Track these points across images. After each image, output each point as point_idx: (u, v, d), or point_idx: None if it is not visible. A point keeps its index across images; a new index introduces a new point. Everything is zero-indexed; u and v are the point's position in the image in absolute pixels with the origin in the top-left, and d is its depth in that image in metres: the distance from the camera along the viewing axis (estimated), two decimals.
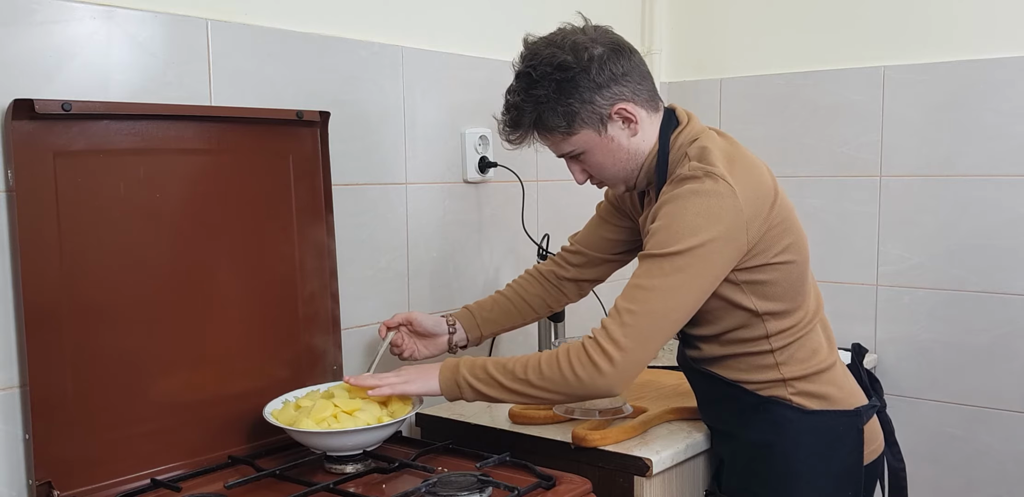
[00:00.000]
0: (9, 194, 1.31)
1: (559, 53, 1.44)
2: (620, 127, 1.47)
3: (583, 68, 1.42)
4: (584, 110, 1.44)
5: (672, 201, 1.38)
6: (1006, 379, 2.18)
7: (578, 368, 1.35)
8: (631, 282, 1.38)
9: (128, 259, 1.42)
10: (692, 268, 1.35)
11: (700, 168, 1.39)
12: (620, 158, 1.49)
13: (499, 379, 1.40)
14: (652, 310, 1.35)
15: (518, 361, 1.41)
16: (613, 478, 1.57)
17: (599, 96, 1.43)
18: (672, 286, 1.35)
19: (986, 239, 2.18)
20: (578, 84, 1.42)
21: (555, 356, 1.38)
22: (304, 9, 1.70)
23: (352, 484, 1.43)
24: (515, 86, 1.48)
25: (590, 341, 1.36)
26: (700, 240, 1.35)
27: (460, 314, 1.77)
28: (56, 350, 1.34)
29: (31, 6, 1.33)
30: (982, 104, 2.16)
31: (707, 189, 1.37)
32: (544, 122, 1.46)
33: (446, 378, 1.45)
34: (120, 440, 1.41)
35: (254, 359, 1.59)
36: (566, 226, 2.30)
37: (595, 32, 1.48)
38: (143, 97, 1.45)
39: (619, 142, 1.48)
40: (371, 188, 1.83)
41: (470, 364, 1.44)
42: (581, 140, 1.47)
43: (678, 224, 1.36)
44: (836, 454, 1.51)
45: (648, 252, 1.38)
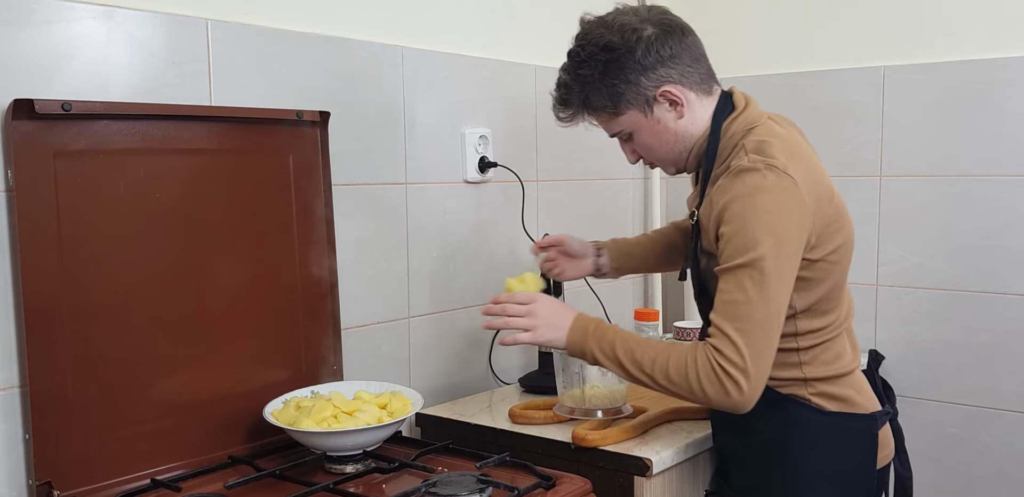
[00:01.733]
0: (9, 194, 1.31)
1: (606, 34, 1.44)
2: (667, 109, 1.46)
3: (628, 49, 1.42)
4: (629, 91, 1.44)
5: (737, 201, 1.36)
6: (1006, 379, 2.18)
7: (707, 386, 1.34)
8: (723, 298, 1.35)
9: (128, 259, 1.42)
10: (778, 269, 1.34)
11: (760, 160, 1.37)
12: (667, 140, 1.49)
13: (624, 364, 1.40)
14: (758, 322, 1.33)
15: (646, 352, 1.39)
16: (613, 478, 1.57)
17: (644, 78, 1.43)
18: (766, 293, 1.33)
19: (986, 239, 2.18)
20: (623, 65, 1.43)
21: (684, 365, 1.35)
22: (304, 9, 1.70)
23: (352, 484, 1.43)
24: (566, 64, 1.50)
25: (715, 362, 1.33)
26: (777, 240, 1.33)
27: (607, 242, 1.82)
28: (56, 350, 1.34)
29: (31, 6, 1.33)
30: (982, 104, 2.15)
31: (770, 184, 1.35)
32: (591, 102, 1.47)
33: (574, 341, 1.44)
34: (120, 440, 1.41)
35: (254, 359, 1.59)
36: (566, 226, 2.30)
37: (648, 13, 1.46)
38: (143, 97, 1.45)
39: (665, 124, 1.47)
40: (371, 188, 1.83)
41: (599, 336, 1.43)
42: (628, 121, 1.48)
43: (752, 227, 1.33)
44: (849, 456, 1.50)
45: (730, 264, 1.35)
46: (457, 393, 2.01)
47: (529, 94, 2.19)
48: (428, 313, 1.96)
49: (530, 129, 2.21)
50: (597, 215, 2.44)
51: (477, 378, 2.08)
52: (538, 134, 2.23)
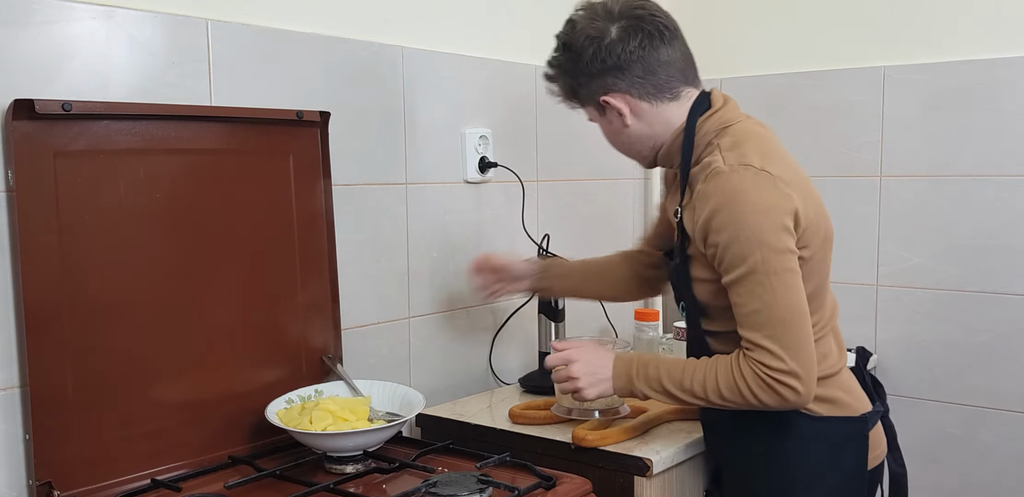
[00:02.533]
0: (9, 194, 1.31)
1: (567, 33, 1.50)
2: (615, 116, 1.50)
3: (578, 54, 1.47)
4: (582, 90, 1.50)
5: (722, 210, 1.35)
6: (1006, 379, 2.18)
7: (763, 396, 1.36)
8: (742, 311, 1.36)
9: (128, 259, 1.42)
10: (781, 265, 1.35)
11: (735, 161, 1.38)
12: (622, 140, 1.54)
13: (676, 394, 1.42)
14: (784, 323, 1.34)
15: (694, 379, 1.40)
16: (613, 478, 1.57)
17: (592, 82, 1.47)
18: (780, 293, 1.34)
19: (986, 239, 2.18)
20: (576, 65, 1.48)
21: (734, 382, 1.37)
22: (304, 9, 1.70)
23: (352, 484, 1.43)
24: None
25: (761, 373, 1.34)
26: (772, 238, 1.34)
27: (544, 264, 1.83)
28: (56, 350, 1.34)
29: (31, 6, 1.33)
30: (982, 104, 2.15)
31: (749, 184, 1.35)
32: (560, 89, 1.55)
33: (622, 388, 1.47)
34: (120, 440, 1.41)
35: (254, 359, 1.59)
36: (566, 226, 2.30)
37: (621, 11, 1.46)
38: (143, 97, 1.45)
39: (616, 127, 1.51)
40: (371, 188, 1.83)
41: (644, 375, 1.45)
42: (589, 113, 1.55)
43: (743, 233, 1.34)
44: (841, 460, 1.49)
45: (734, 276, 1.36)
46: (457, 393, 2.01)
47: (529, 94, 2.19)
48: (428, 313, 1.96)
49: (530, 129, 2.21)
50: (597, 215, 2.44)
51: (477, 378, 2.08)
52: (538, 134, 2.23)
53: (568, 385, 1.50)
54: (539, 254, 2.01)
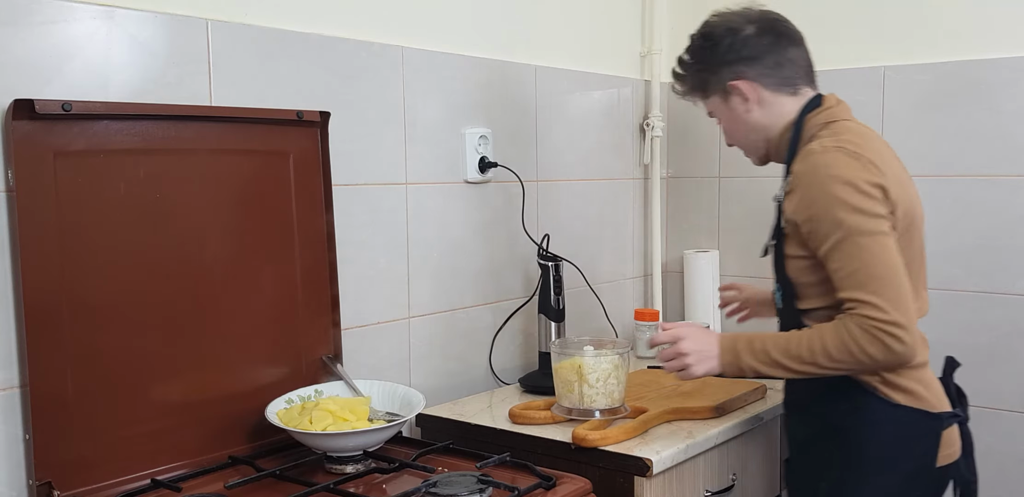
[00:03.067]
0: (9, 194, 1.31)
1: (710, 26, 1.65)
2: (739, 102, 1.63)
3: (716, 42, 1.62)
4: (711, 78, 1.64)
5: (814, 185, 1.48)
6: (1006, 379, 2.18)
7: (871, 349, 1.43)
8: (842, 274, 1.46)
9: (128, 259, 1.42)
10: (876, 227, 1.45)
11: (831, 143, 1.51)
12: (741, 129, 1.66)
13: (785, 364, 1.49)
14: (884, 279, 1.43)
15: (800, 344, 1.48)
16: (613, 478, 1.57)
17: (724, 69, 1.62)
18: (878, 252, 1.44)
19: (986, 239, 2.18)
20: (712, 54, 1.63)
21: (842, 341, 1.44)
22: (304, 9, 1.70)
23: (352, 484, 1.43)
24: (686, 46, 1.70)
25: (867, 326, 1.42)
26: (864, 204, 1.45)
27: None
28: (56, 350, 1.34)
29: (31, 6, 1.33)
30: (982, 104, 2.15)
31: (840, 161, 1.47)
32: (684, 79, 1.70)
33: (729, 364, 1.54)
34: (120, 440, 1.41)
35: (254, 359, 1.59)
36: (566, 226, 2.31)
37: (759, 16, 1.64)
38: (143, 97, 1.45)
39: (737, 114, 1.64)
40: (371, 188, 1.83)
41: (750, 348, 1.52)
42: (713, 104, 1.68)
43: (837, 201, 1.45)
44: (911, 451, 1.54)
45: (830, 244, 1.46)
46: (457, 393, 2.01)
47: (529, 94, 2.19)
48: (428, 313, 1.96)
49: (530, 129, 2.21)
50: (597, 215, 2.44)
51: (477, 378, 2.08)
52: (538, 134, 2.23)
53: (676, 363, 1.57)
54: (539, 254, 2.01)
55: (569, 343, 1.80)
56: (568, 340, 1.85)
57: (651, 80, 2.56)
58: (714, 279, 2.50)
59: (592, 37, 2.41)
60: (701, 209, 2.60)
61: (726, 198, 2.55)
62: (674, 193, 2.64)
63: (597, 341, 1.77)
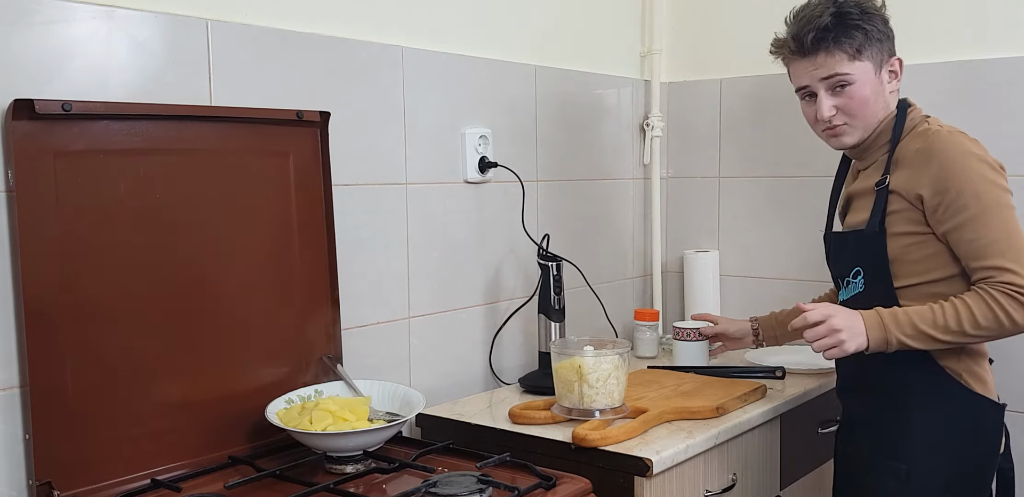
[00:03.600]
0: (9, 194, 1.31)
1: (863, 2, 1.67)
2: (890, 78, 1.69)
3: (884, 18, 1.68)
4: (875, 44, 1.65)
5: (951, 160, 1.55)
6: (1006, 379, 2.17)
7: (1017, 315, 1.49)
8: (978, 245, 1.53)
9: (128, 259, 1.42)
10: (1010, 203, 1.55)
11: (951, 129, 1.61)
12: (877, 101, 1.67)
13: (933, 334, 1.53)
14: (1020, 248, 1.51)
15: (946, 314, 1.52)
16: (613, 478, 1.57)
17: (888, 42, 1.68)
18: (1014, 224, 1.53)
19: None
20: (884, 24, 1.68)
21: (988, 307, 1.50)
22: (304, 9, 1.70)
23: (352, 484, 1.43)
24: (827, 5, 1.66)
25: (1012, 291, 1.49)
26: (1000, 180, 1.56)
27: (762, 318, 2.04)
28: (56, 350, 1.34)
29: (31, 6, 1.33)
30: (982, 104, 2.15)
31: (969, 143, 1.58)
32: (848, 35, 1.63)
33: (877, 338, 1.56)
34: (120, 440, 1.41)
35: (254, 359, 1.59)
36: (566, 226, 2.31)
37: None
38: (143, 97, 1.45)
39: (883, 87, 1.68)
40: (371, 188, 1.83)
41: (895, 322, 1.55)
42: (860, 68, 1.65)
43: (975, 176, 1.53)
44: (982, 438, 1.62)
45: (966, 216, 1.53)
46: (457, 393, 2.01)
47: (529, 94, 2.19)
48: (428, 313, 1.96)
49: (530, 129, 2.21)
50: (597, 215, 2.44)
51: (477, 378, 2.08)
52: (538, 134, 2.23)
53: (830, 339, 1.57)
54: (539, 254, 2.01)
55: (569, 343, 1.80)
56: (568, 340, 1.85)
57: (651, 80, 2.56)
58: (714, 279, 2.50)
59: (592, 37, 2.41)
60: (701, 209, 2.60)
61: (726, 198, 2.55)
62: (674, 193, 2.64)
63: (597, 341, 1.77)
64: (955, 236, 1.55)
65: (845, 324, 1.56)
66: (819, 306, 1.61)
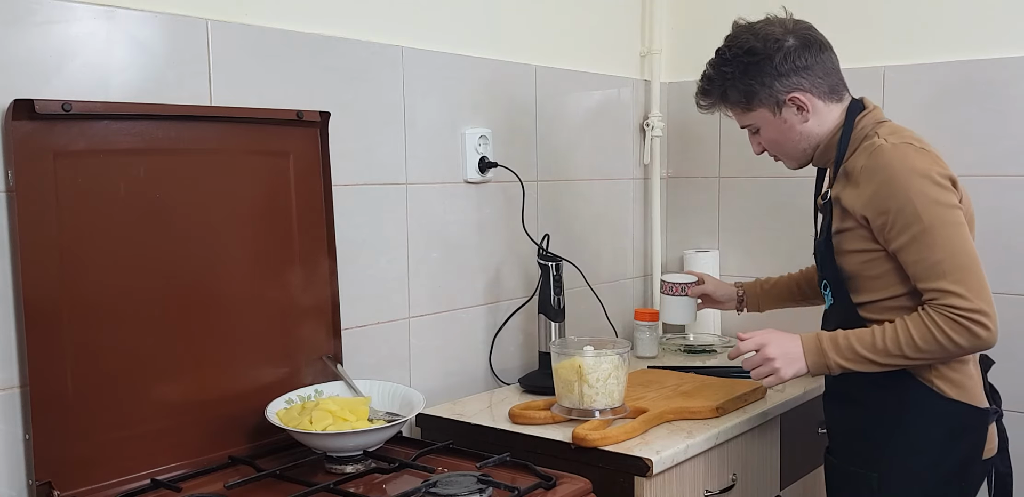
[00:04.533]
0: (9, 194, 1.31)
1: (752, 40, 1.64)
2: (794, 113, 1.65)
3: (767, 56, 1.62)
4: (762, 92, 1.64)
5: (889, 181, 1.51)
6: (1006, 379, 2.17)
7: (957, 338, 1.47)
8: (923, 266, 1.49)
9: (128, 259, 1.42)
10: (955, 218, 1.50)
11: (896, 141, 1.55)
12: (792, 138, 1.67)
13: (872, 358, 1.52)
14: (964, 268, 1.48)
15: (886, 337, 1.51)
16: (613, 478, 1.57)
17: (778, 82, 1.63)
18: (959, 242, 1.49)
19: (987, 239, 2.17)
20: (761, 69, 1.63)
21: (928, 331, 1.48)
22: (304, 9, 1.70)
23: (352, 484, 1.43)
24: (713, 61, 1.70)
25: (952, 315, 1.47)
26: (942, 196, 1.50)
27: (748, 284, 2.03)
28: (56, 350, 1.34)
29: (31, 6, 1.33)
30: (982, 104, 2.15)
31: (912, 155, 1.52)
32: (727, 96, 1.68)
33: (815, 362, 1.56)
34: (120, 440, 1.41)
35: (254, 359, 1.59)
36: (566, 226, 2.30)
37: (793, 26, 1.66)
38: (143, 97, 1.45)
39: (791, 124, 1.66)
40: (371, 188, 1.83)
41: (835, 346, 1.55)
42: (757, 117, 1.68)
43: (916, 195, 1.49)
44: (960, 446, 1.58)
45: (909, 236, 1.49)
46: (457, 393, 2.01)
47: (529, 94, 2.19)
48: (428, 313, 1.96)
49: (530, 129, 2.21)
50: (597, 215, 2.44)
51: (477, 378, 2.08)
52: (538, 134, 2.23)
53: (765, 368, 1.58)
54: (539, 254, 2.01)
55: (569, 343, 1.80)
56: (568, 340, 1.85)
57: (651, 80, 2.56)
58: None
59: (592, 37, 2.41)
60: (701, 209, 2.60)
61: (726, 198, 2.55)
62: (674, 193, 2.64)
63: (597, 341, 1.77)
64: (901, 256, 1.52)
65: (779, 352, 1.57)
66: (755, 335, 1.62)
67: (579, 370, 1.68)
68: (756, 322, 2.11)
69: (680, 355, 2.35)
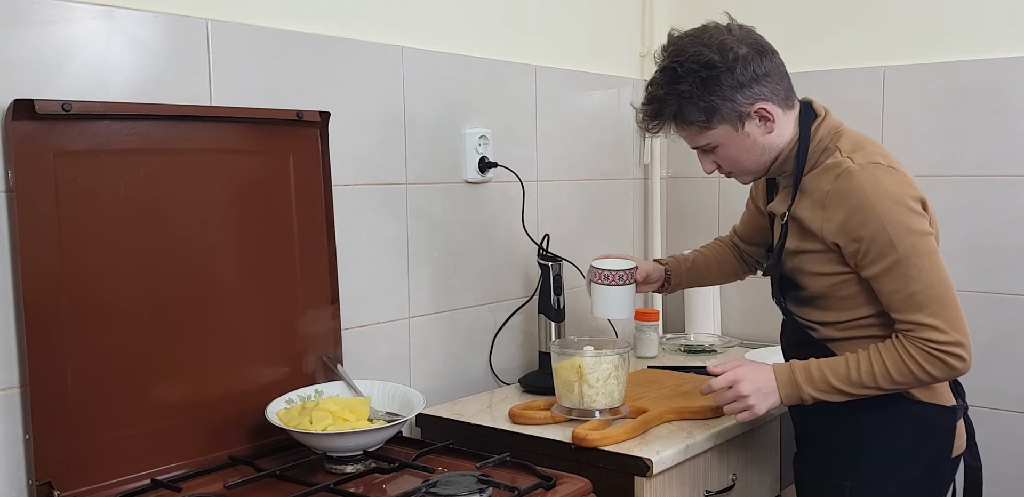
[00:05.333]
0: (9, 194, 1.31)
1: (706, 51, 1.50)
2: (757, 125, 1.54)
3: (728, 67, 1.50)
4: (725, 107, 1.51)
5: (862, 207, 1.45)
6: (1006, 379, 2.18)
7: (933, 371, 1.46)
8: (898, 296, 1.46)
9: (128, 259, 1.42)
10: (926, 248, 1.46)
11: (863, 160, 1.49)
12: (754, 152, 1.57)
13: (846, 390, 1.50)
14: (941, 299, 1.45)
15: (861, 370, 1.49)
16: (613, 478, 1.57)
17: (740, 95, 1.51)
18: (935, 273, 1.46)
19: (986, 239, 2.18)
20: (721, 82, 1.50)
21: (903, 364, 1.46)
22: (304, 9, 1.70)
23: (352, 484, 1.43)
24: (659, 79, 1.55)
25: (928, 349, 1.45)
26: (916, 224, 1.46)
27: (670, 261, 1.92)
28: (56, 350, 1.34)
29: (31, 6, 1.33)
30: (982, 104, 2.15)
31: (882, 179, 1.47)
32: (684, 116, 1.53)
33: (788, 394, 1.54)
34: (120, 440, 1.41)
35: (254, 359, 1.59)
36: (566, 226, 2.30)
37: (740, 32, 1.55)
38: (143, 97, 1.45)
39: (755, 138, 1.55)
40: (371, 188, 1.83)
41: (808, 378, 1.53)
42: (717, 134, 1.55)
43: (890, 223, 1.44)
44: (930, 446, 1.57)
45: (884, 265, 1.45)
46: (457, 393, 2.01)
47: (529, 94, 2.19)
48: (428, 313, 1.96)
49: (530, 129, 2.21)
50: (597, 215, 2.44)
51: (477, 378, 2.08)
52: (538, 134, 2.23)
53: (738, 404, 1.56)
54: (539, 254, 2.01)
55: (569, 343, 1.80)
56: (568, 340, 1.84)
57: None
58: None
59: (592, 37, 2.41)
60: (701, 209, 2.60)
61: (726, 198, 2.55)
62: (674, 193, 2.64)
63: (597, 341, 1.77)
64: (875, 285, 1.49)
65: (752, 388, 1.54)
66: (727, 370, 1.58)
67: (579, 370, 1.68)
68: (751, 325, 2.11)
69: (680, 355, 2.35)
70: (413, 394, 1.62)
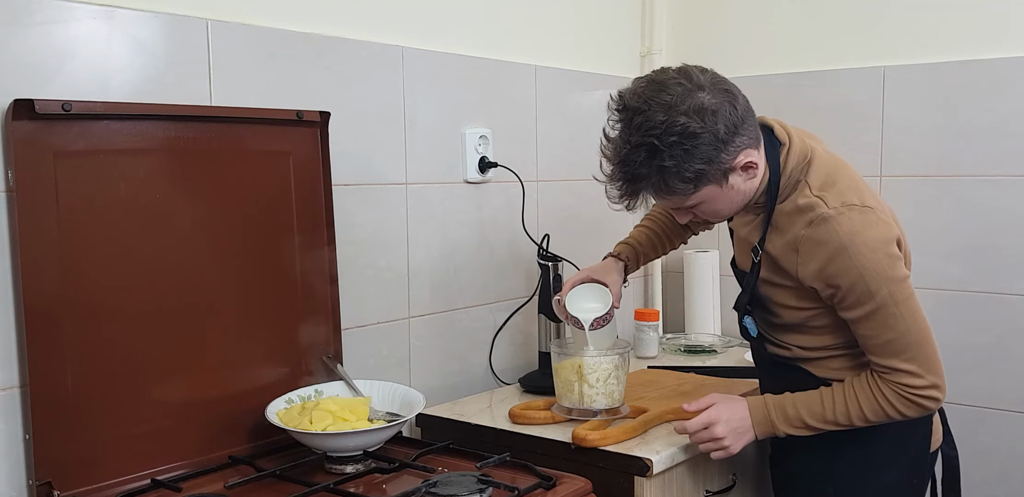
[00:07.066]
0: (9, 194, 1.31)
1: (681, 118, 1.36)
2: (740, 175, 1.45)
3: (710, 131, 1.37)
4: (711, 169, 1.40)
5: (840, 254, 1.42)
6: (1006, 379, 2.18)
7: (908, 412, 1.48)
8: (875, 342, 1.46)
9: (128, 259, 1.42)
10: (905, 293, 1.44)
11: (837, 203, 1.44)
12: (736, 201, 1.50)
13: (819, 427, 1.52)
14: (918, 344, 1.45)
15: (836, 409, 1.50)
16: (613, 478, 1.57)
17: (724, 153, 1.40)
18: (911, 319, 1.44)
19: (986, 239, 2.18)
20: (706, 147, 1.38)
21: (878, 406, 1.47)
22: (304, 9, 1.70)
23: (352, 484, 1.43)
24: (634, 155, 1.40)
25: (904, 393, 1.46)
26: (893, 271, 1.43)
27: (628, 254, 1.87)
28: (56, 350, 1.34)
29: (31, 6, 1.33)
30: (982, 104, 2.15)
31: (859, 224, 1.42)
32: (670, 187, 1.42)
33: (764, 432, 1.56)
34: (120, 440, 1.41)
35: (254, 359, 1.59)
36: (566, 226, 2.30)
37: (701, 76, 1.41)
38: (143, 97, 1.45)
39: (738, 188, 1.47)
40: (371, 188, 1.83)
41: (784, 417, 1.54)
42: (702, 195, 1.45)
43: (867, 273, 1.42)
44: (910, 442, 1.59)
45: (863, 312, 1.44)
46: (457, 393, 2.01)
47: (529, 94, 2.19)
48: (428, 313, 1.96)
49: (530, 129, 2.21)
50: (597, 215, 2.44)
51: (477, 378, 2.08)
52: (538, 134, 2.23)
53: (714, 445, 1.56)
54: (539, 254, 2.01)
55: (569, 343, 1.80)
56: (568, 340, 1.84)
57: None
58: (714, 279, 2.50)
59: (592, 37, 2.41)
60: None
61: None
62: None
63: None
64: (852, 326, 1.48)
65: (727, 430, 1.54)
66: (701, 409, 1.57)
67: (579, 370, 1.68)
68: None
69: (680, 355, 2.35)
70: (413, 394, 1.62)
